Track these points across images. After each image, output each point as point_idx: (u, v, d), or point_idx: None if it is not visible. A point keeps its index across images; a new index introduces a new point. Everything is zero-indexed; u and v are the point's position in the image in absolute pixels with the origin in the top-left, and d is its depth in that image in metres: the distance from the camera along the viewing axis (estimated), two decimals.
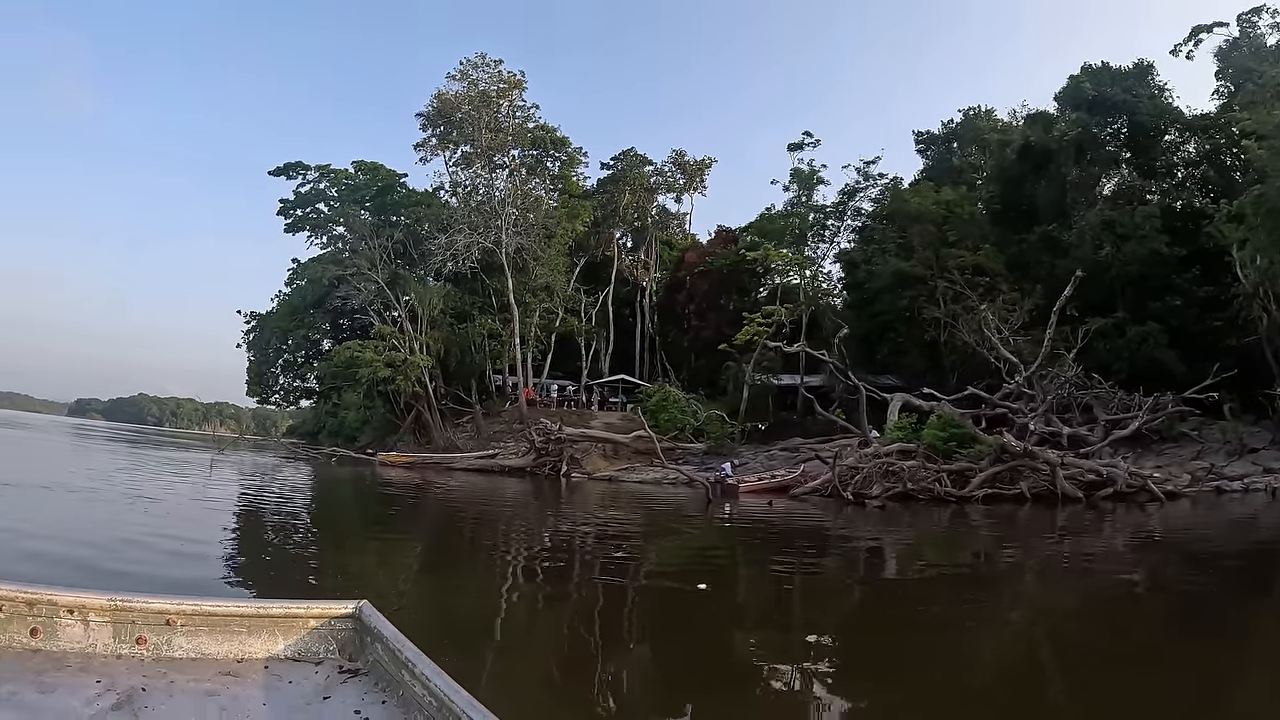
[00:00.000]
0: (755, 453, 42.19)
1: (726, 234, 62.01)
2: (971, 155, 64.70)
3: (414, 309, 47.32)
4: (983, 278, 44.73)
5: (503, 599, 10.58)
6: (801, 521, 24.39)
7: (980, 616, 10.80)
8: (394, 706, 2.97)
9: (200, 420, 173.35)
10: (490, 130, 52.77)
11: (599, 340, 60.36)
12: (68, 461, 30.60)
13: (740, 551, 17.47)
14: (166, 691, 2.89)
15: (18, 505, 14.28)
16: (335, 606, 3.55)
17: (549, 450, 39.34)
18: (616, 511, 25.90)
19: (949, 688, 7.47)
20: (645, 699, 6.89)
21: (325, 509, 23.34)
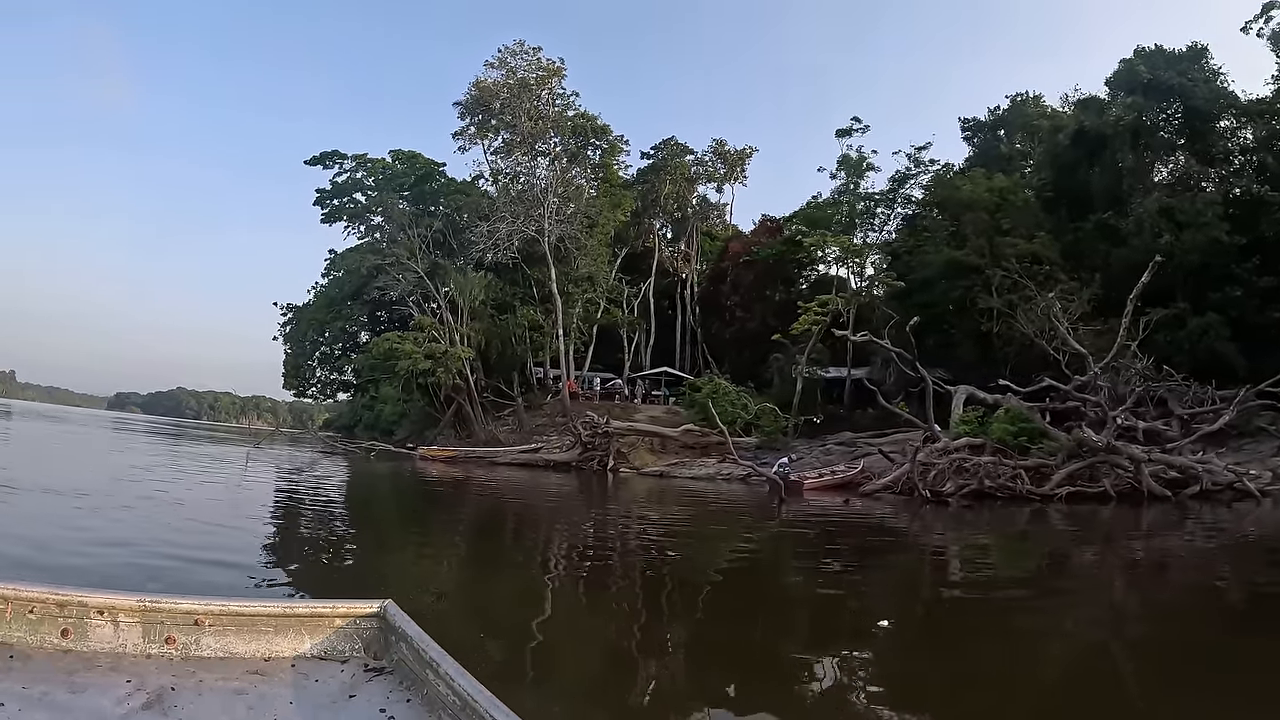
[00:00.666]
0: (810, 447, 39.98)
1: (771, 224, 59.64)
2: (1020, 142, 62.37)
3: (454, 300, 45.46)
4: (1039, 267, 42.61)
5: (546, 603, 9.53)
6: (882, 522, 22.31)
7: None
8: (419, 705, 2.92)
9: (238, 413, 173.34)
10: (530, 118, 50.79)
11: (640, 333, 58.25)
12: (103, 459, 28.92)
13: (834, 560, 15.31)
14: (195, 690, 2.86)
15: (46, 509, 12.77)
16: (360, 606, 3.50)
17: (595, 444, 37.40)
18: (671, 509, 23.96)
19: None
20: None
21: (364, 505, 21.70)
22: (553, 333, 48.22)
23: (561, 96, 53.08)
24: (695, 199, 65.93)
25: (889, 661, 7.67)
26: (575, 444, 38.57)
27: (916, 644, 8.43)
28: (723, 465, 37.41)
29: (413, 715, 2.89)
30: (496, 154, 53.25)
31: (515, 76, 51.69)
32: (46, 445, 33.11)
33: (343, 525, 16.29)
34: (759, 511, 24.40)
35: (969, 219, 46.91)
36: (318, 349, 60.52)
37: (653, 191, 60.64)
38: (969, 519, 23.52)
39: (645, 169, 62.03)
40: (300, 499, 20.03)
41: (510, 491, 26.89)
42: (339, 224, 54.66)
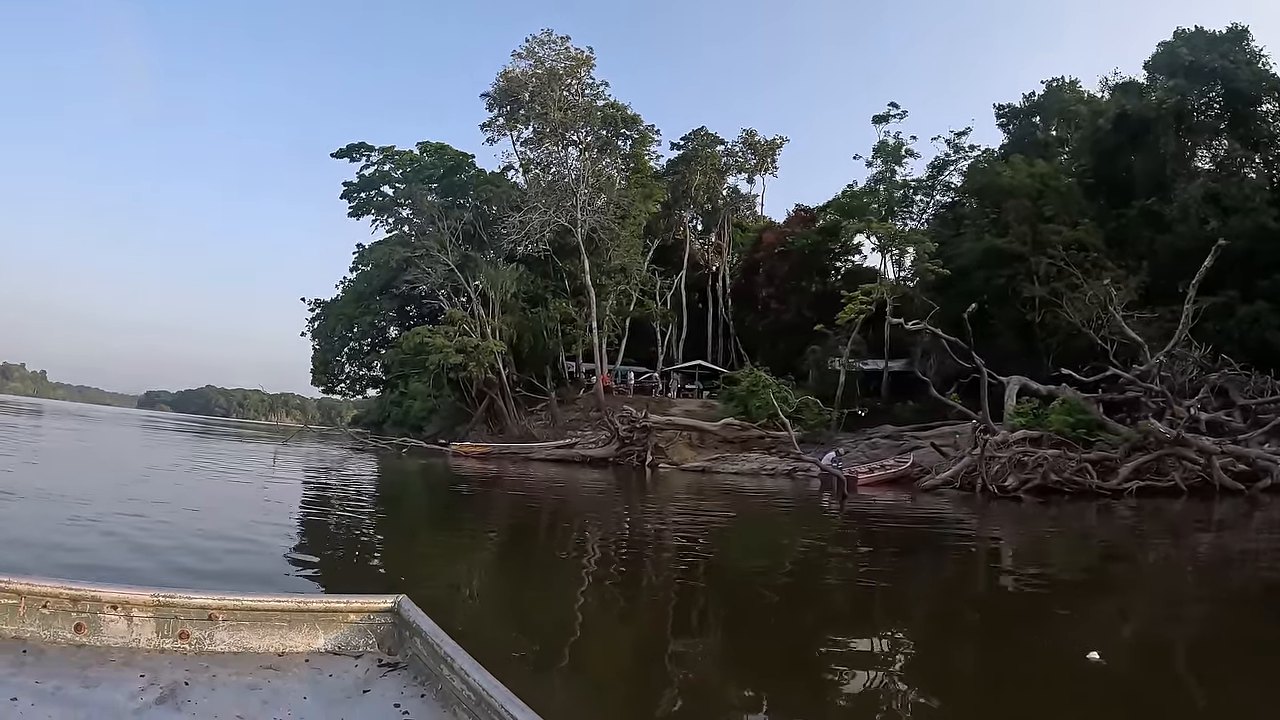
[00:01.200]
0: (854, 441, 38.29)
1: (805, 213, 57.92)
2: (1056, 128, 60.42)
3: (484, 293, 44.05)
4: (1083, 254, 40.97)
5: (583, 605, 8.81)
6: (949, 519, 20.77)
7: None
8: (433, 700, 2.87)
9: (266, 411, 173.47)
10: (560, 108, 49.28)
11: (672, 326, 56.69)
12: (130, 458, 27.68)
13: (911, 562, 13.75)
14: (209, 685, 2.82)
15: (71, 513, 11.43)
16: (375, 601, 3.43)
17: (633, 439, 35.91)
18: (718, 506, 22.56)
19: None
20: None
21: (394, 503, 20.37)
22: (585, 326, 46.73)
23: (591, 86, 51.66)
24: (726, 190, 64.24)
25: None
26: (611, 439, 37.14)
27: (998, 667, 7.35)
28: (767, 459, 35.88)
29: (427, 710, 2.83)
30: (526, 145, 51.84)
31: (544, 66, 50.28)
32: (73, 445, 31.94)
33: (373, 525, 15.23)
34: (814, 508, 22.99)
35: (1010, 206, 45.32)
36: (346, 344, 59.28)
37: (683, 182, 59.04)
38: (1041, 515, 22.12)
39: (675, 160, 60.48)
40: (329, 498, 18.83)
41: (546, 488, 25.59)
42: (366, 217, 53.40)
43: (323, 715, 2.75)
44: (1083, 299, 37.40)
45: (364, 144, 50.68)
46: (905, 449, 36.16)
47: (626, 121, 51.88)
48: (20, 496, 12.58)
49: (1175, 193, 42.83)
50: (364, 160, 50.96)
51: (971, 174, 48.69)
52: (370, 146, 50.58)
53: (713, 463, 36.05)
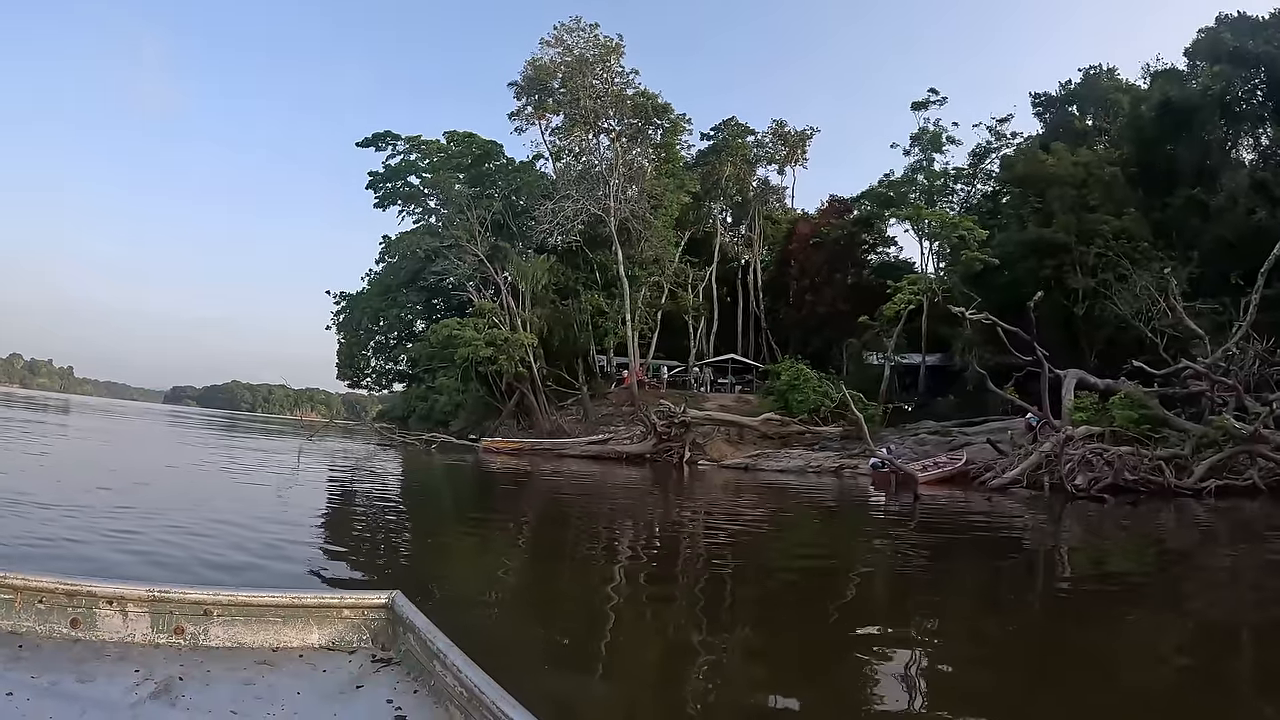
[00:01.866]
0: (901, 437, 36.35)
1: (839, 204, 55.99)
2: (1094, 116, 58.28)
3: (514, 284, 42.31)
4: (1130, 244, 39.52)
5: (617, 613, 7.84)
6: (1031, 523, 18.85)
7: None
8: (425, 696, 2.82)
9: (291, 406, 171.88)
10: (590, 96, 47.41)
11: (705, 319, 54.87)
12: (154, 454, 26.21)
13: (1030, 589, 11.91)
14: (204, 680, 2.78)
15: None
16: (369, 597, 3.40)
17: (671, 435, 34.15)
18: (767, 505, 20.84)
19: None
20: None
21: (425, 506, 18.59)
22: (617, 318, 44.97)
23: (621, 74, 49.69)
24: (756, 182, 62.28)
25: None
26: (647, 434, 35.49)
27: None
28: (811, 455, 34.09)
29: (420, 706, 2.75)
30: (555, 134, 50.01)
31: (572, 54, 48.45)
32: (101, 443, 30.52)
33: (401, 525, 14.05)
34: (873, 508, 21.23)
35: (1054, 194, 43.63)
36: (372, 338, 57.69)
37: (714, 173, 57.07)
38: (1125, 516, 20.23)
39: (705, 150, 58.52)
40: (355, 499, 17.25)
41: (581, 486, 23.98)
42: (393, 209, 51.56)
43: (316, 711, 2.68)
44: (1133, 290, 35.90)
45: (389, 133, 48.90)
46: (955, 445, 34.28)
47: (657, 110, 49.86)
48: (50, 504, 10.99)
49: (1221, 181, 41.34)
50: (390, 149, 49.16)
51: (1013, 162, 46.39)
52: (396, 135, 48.75)
53: (754, 459, 34.36)
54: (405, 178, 49.96)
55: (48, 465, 17.68)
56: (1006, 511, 20.36)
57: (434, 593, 7.53)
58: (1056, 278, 40.51)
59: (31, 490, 11.75)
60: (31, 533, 8.67)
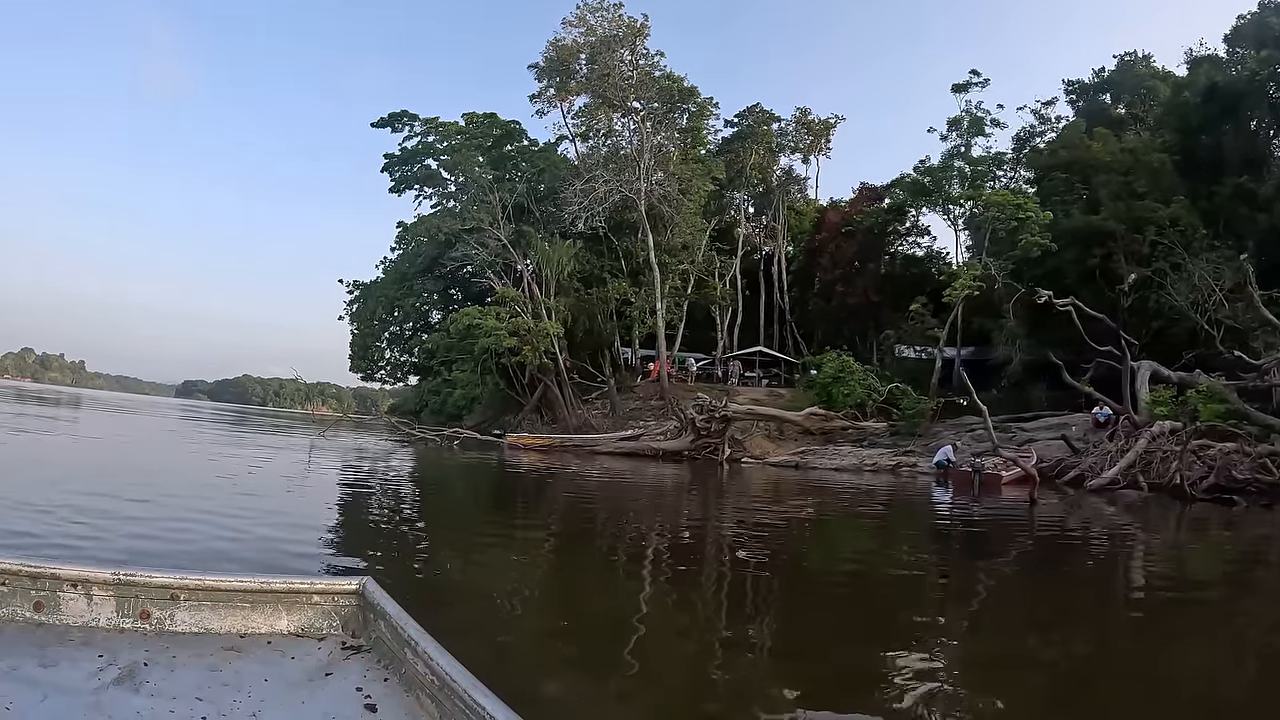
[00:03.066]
0: (957, 432, 33.18)
1: (871, 191, 52.70)
2: (1128, 104, 55.55)
3: (538, 271, 39.11)
4: (1182, 233, 37.00)
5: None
6: (1158, 535, 15.86)
7: None
8: (396, 684, 2.71)
9: (302, 400, 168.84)
10: (614, 78, 44.06)
11: (733, 311, 51.73)
12: (161, 455, 22.95)
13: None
14: (168, 666, 2.69)
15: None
16: (339, 583, 3.29)
17: (710, 430, 31.01)
18: (829, 510, 17.75)
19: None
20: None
21: (448, 510, 15.63)
22: (645, 307, 41.79)
23: (646, 56, 46.36)
24: (779, 170, 59.05)
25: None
26: (682, 429, 32.37)
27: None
28: (864, 453, 30.96)
29: (390, 694, 2.64)
30: (578, 117, 46.71)
31: (595, 34, 45.20)
32: (119, 443, 27.46)
33: (425, 532, 11.42)
34: (954, 513, 18.06)
35: (1101, 181, 41.00)
36: (387, 328, 54.39)
37: (738, 161, 53.79)
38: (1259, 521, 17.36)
39: (729, 138, 55.19)
40: (370, 503, 14.42)
41: (617, 487, 21.02)
42: (409, 195, 47.92)
43: (283, 698, 2.56)
44: (1190, 280, 33.84)
45: (406, 112, 45.05)
46: (1018, 441, 31.13)
47: (684, 93, 46.59)
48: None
49: (1270, 169, 40.03)
50: (407, 130, 45.57)
51: (1076, 145, 43.30)
52: (414, 115, 44.87)
53: (800, 456, 31.25)
54: (423, 160, 46.42)
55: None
56: (1113, 519, 17.33)
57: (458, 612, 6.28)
58: (1103, 268, 38.14)
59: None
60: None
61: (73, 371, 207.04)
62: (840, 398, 35.02)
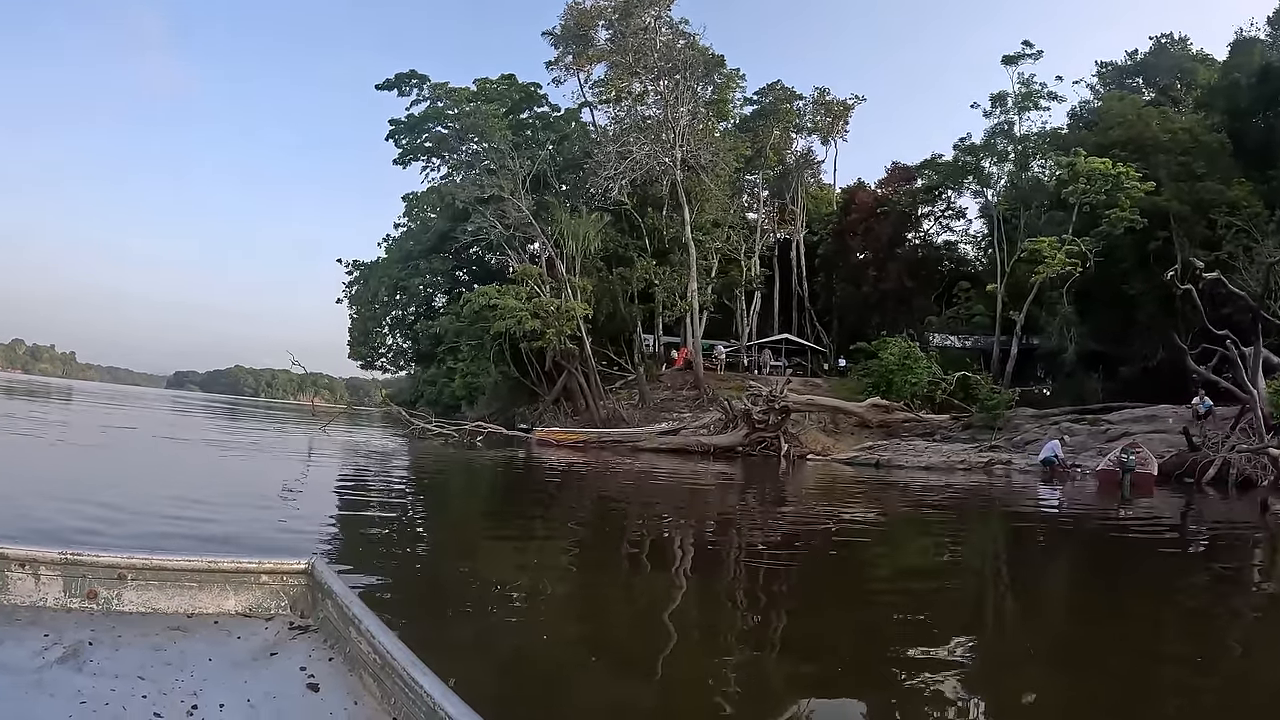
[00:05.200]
0: (1042, 427, 28.34)
1: (903, 171, 47.76)
2: (1163, 85, 51.10)
3: (559, 245, 33.57)
4: (1249, 216, 33.29)
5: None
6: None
7: None
8: (340, 663, 2.59)
9: (295, 390, 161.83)
10: (636, 46, 38.57)
11: (758, 296, 46.64)
12: (147, 460, 17.21)
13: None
14: (113, 645, 2.55)
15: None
16: (288, 563, 3.11)
17: (767, 423, 25.99)
18: (967, 523, 13.56)
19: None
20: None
21: (499, 528, 10.74)
22: (675, 289, 36.57)
23: (669, 23, 40.93)
24: (797, 152, 53.94)
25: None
26: (728, 422, 27.49)
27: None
28: (949, 449, 25.97)
29: (333, 673, 2.53)
30: (597, 86, 41.31)
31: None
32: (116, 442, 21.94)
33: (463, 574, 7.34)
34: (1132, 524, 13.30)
35: (1161, 161, 36.58)
36: (389, 312, 48.62)
37: (757, 141, 48.53)
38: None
39: (749, 116, 49.95)
40: (387, 516, 10.55)
41: (678, 493, 16.25)
42: (410, 179, 42.08)
43: (226, 678, 2.44)
44: (1266, 265, 29.74)
45: (414, 73, 38.55)
46: (1110, 436, 26.40)
47: (709, 64, 41.19)
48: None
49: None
50: (414, 94, 39.63)
51: (1135, 122, 38.66)
52: (423, 76, 38.33)
53: (869, 451, 26.27)
54: (433, 127, 40.11)
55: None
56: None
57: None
58: (1161, 252, 33.68)
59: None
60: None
61: (63, 363, 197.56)
62: (906, 387, 30.10)
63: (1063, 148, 38.64)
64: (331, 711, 2.30)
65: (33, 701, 2.15)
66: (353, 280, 50.33)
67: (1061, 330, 36.06)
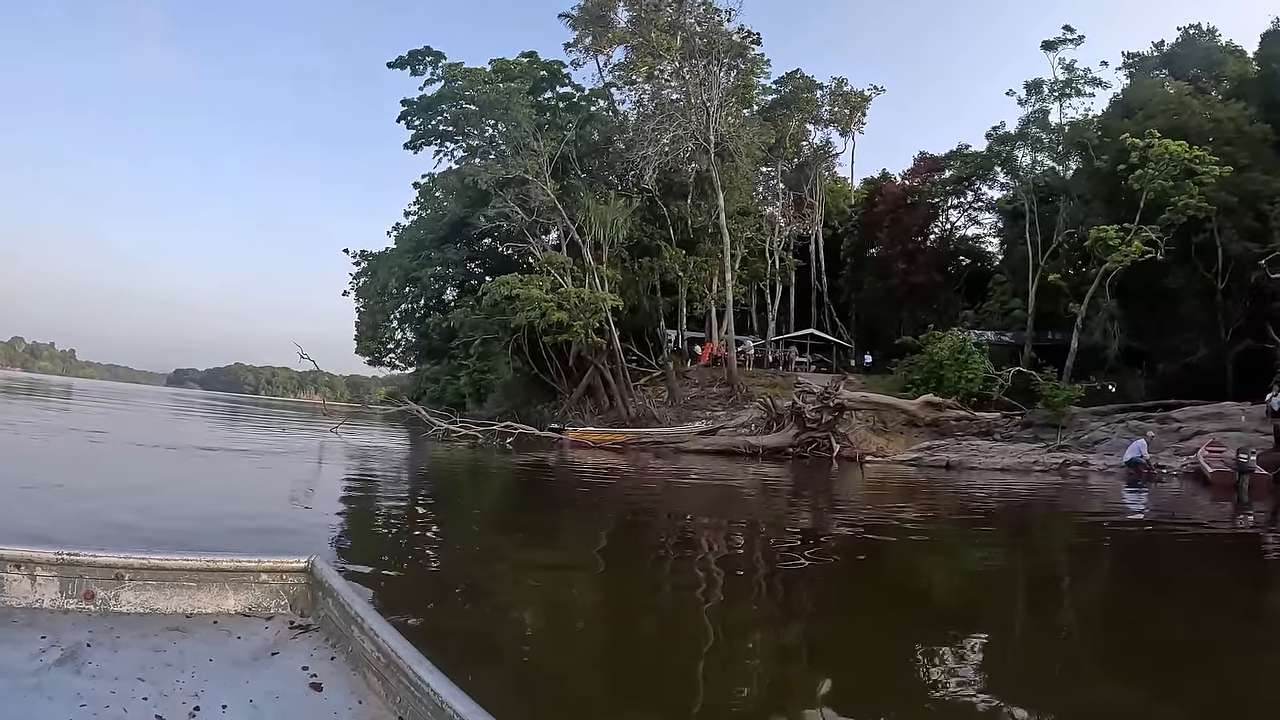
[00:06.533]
0: (1109, 426, 25.83)
1: (930, 161, 45.19)
2: (1191, 76, 48.75)
3: (584, 231, 30.70)
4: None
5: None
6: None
7: None
8: (343, 662, 2.48)
9: (295, 388, 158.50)
10: (657, 27, 35.69)
11: (782, 289, 44.00)
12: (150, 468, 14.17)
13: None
14: (112, 646, 2.44)
15: None
16: (287, 561, 2.99)
17: (822, 422, 23.33)
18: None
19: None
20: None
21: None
22: (702, 279, 33.86)
23: (692, 9, 37.96)
24: (815, 144, 51.39)
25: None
26: (771, 421, 24.94)
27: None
28: (1018, 449, 23.39)
29: (336, 672, 2.43)
30: (618, 70, 38.46)
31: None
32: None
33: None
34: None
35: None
36: (399, 305, 45.37)
37: (776, 131, 45.82)
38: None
39: (769, 105, 47.21)
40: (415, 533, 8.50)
41: (740, 503, 13.86)
42: (426, 151, 38.22)
43: (227, 678, 2.34)
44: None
45: (429, 49, 34.91)
46: (1183, 435, 23.97)
47: (732, 49, 38.35)
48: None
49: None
50: (428, 73, 36.30)
51: (1178, 109, 36.16)
52: (438, 53, 34.74)
53: (928, 453, 23.67)
54: (449, 107, 35.92)
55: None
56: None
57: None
58: (1204, 245, 32.25)
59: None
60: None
61: (63, 360, 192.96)
62: (961, 384, 27.52)
63: (1109, 134, 36.21)
64: (336, 711, 2.20)
65: (31, 705, 2.05)
66: (360, 272, 47.28)
67: (1105, 326, 33.69)
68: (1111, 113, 38.55)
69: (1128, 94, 40.29)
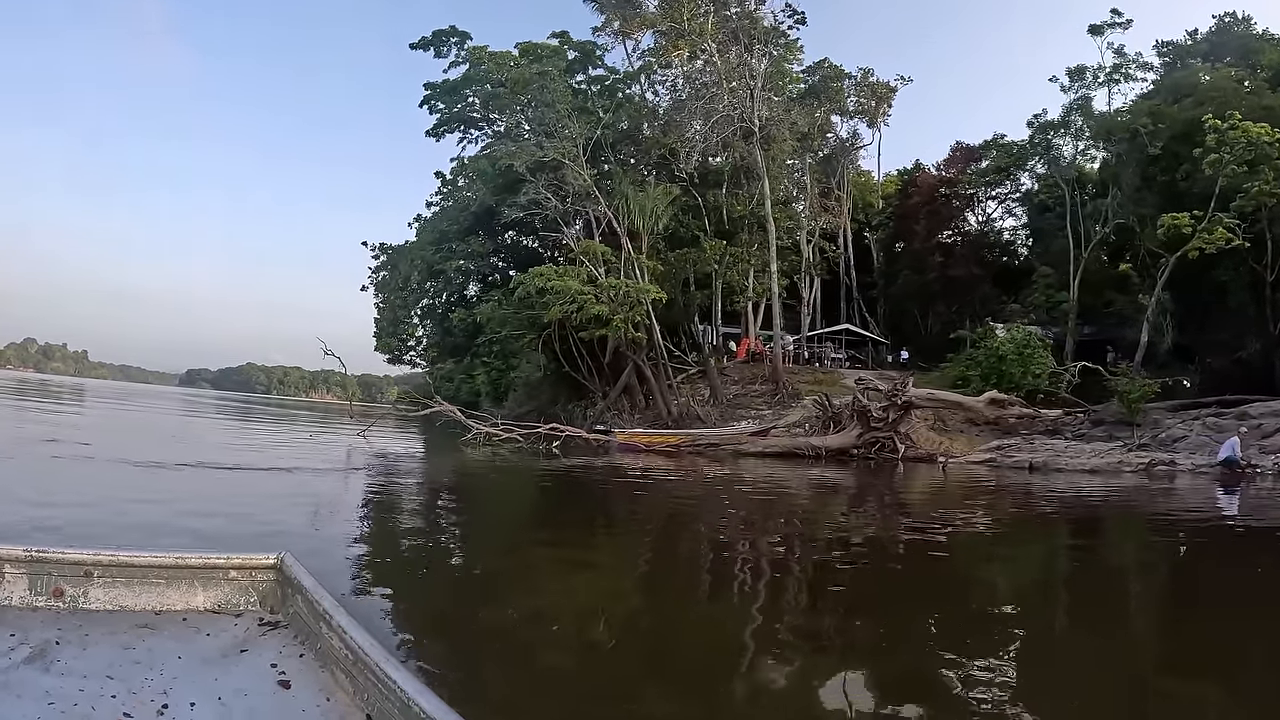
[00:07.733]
0: (1185, 423, 23.78)
1: (967, 151, 43.04)
2: (1226, 64, 46.65)
3: (620, 219, 28.53)
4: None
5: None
6: None
7: None
8: (311, 659, 2.44)
9: (307, 387, 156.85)
10: (689, 12, 33.54)
11: (817, 284, 41.86)
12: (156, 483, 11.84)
13: None
14: (81, 644, 2.39)
15: None
16: (257, 558, 2.91)
17: (888, 421, 21.29)
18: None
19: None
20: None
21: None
22: (743, 271, 31.79)
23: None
24: (843, 135, 49.25)
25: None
26: (827, 420, 22.87)
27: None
28: (1095, 449, 21.30)
29: (305, 670, 2.38)
30: (646, 54, 36.31)
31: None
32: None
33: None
34: None
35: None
36: (420, 300, 43.03)
37: (808, 120, 43.71)
38: None
39: (800, 94, 45.00)
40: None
41: (829, 517, 11.92)
42: (451, 136, 36.10)
43: (194, 675, 2.27)
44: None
45: (454, 29, 33.11)
46: (1265, 433, 21.94)
47: (764, 35, 36.16)
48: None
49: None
50: (453, 55, 33.80)
51: (1229, 96, 34.06)
52: (464, 34, 33.01)
53: (1000, 453, 21.62)
54: (475, 89, 34.24)
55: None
56: None
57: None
58: (1258, 236, 29.73)
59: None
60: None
61: (75, 361, 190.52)
62: (1026, 379, 25.50)
63: (1160, 119, 34.12)
64: (304, 708, 2.14)
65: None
66: (379, 265, 45.12)
67: (1159, 320, 31.67)
68: (1157, 99, 36.52)
69: (1167, 82, 38.06)
